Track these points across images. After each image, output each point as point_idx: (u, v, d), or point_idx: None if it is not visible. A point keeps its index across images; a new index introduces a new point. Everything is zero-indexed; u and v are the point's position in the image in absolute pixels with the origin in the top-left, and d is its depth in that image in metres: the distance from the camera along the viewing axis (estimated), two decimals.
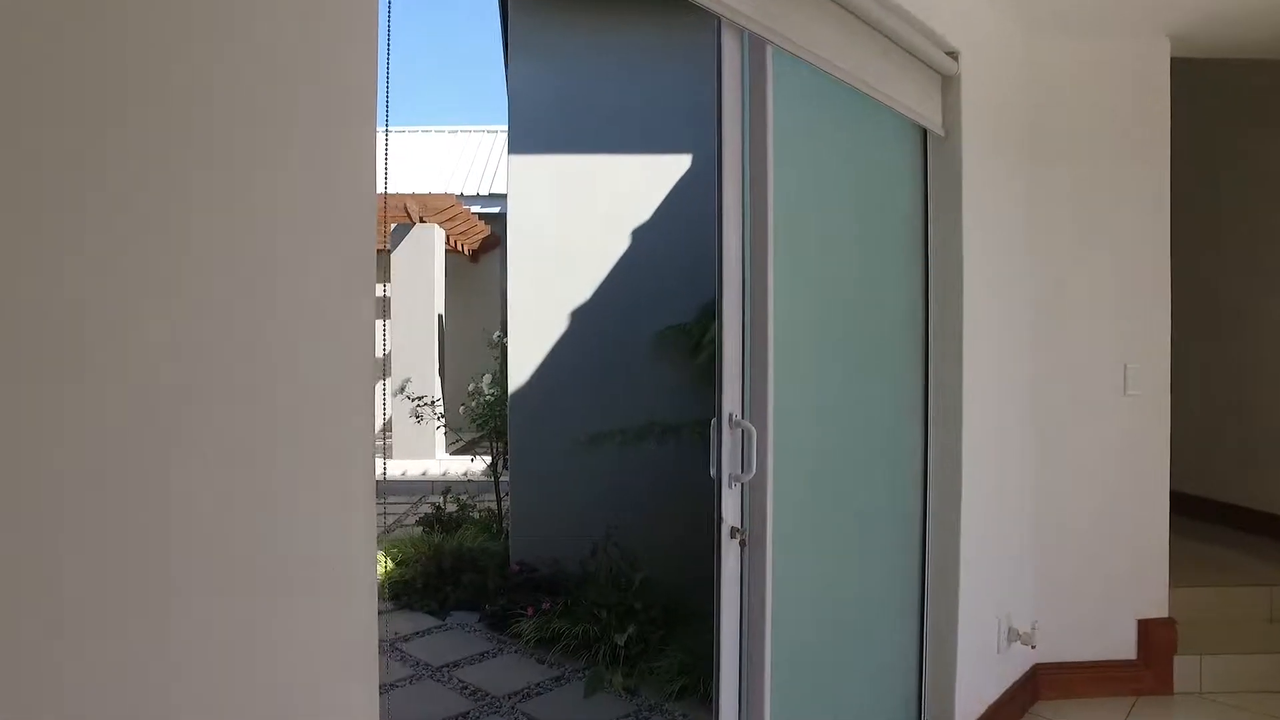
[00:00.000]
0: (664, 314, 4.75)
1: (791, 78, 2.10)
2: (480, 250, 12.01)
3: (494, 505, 6.18)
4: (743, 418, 1.92)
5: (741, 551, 1.92)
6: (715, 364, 1.91)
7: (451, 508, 6.25)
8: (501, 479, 6.00)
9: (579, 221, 4.87)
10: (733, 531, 1.90)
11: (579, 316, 4.86)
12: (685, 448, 4.57)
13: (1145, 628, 3.23)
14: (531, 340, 4.88)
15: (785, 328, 2.00)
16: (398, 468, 8.93)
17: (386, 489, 8.49)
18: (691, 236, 4.86)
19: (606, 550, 4.63)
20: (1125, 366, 3.26)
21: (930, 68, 2.60)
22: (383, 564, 5.29)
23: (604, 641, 4.12)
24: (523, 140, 4.87)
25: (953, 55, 2.63)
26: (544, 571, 4.78)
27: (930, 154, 2.69)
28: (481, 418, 6.07)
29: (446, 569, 5.07)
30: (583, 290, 4.86)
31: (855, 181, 2.48)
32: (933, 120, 2.64)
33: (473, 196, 11.59)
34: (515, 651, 4.24)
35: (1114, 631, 3.23)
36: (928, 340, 2.73)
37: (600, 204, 4.87)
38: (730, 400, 1.88)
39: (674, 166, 4.89)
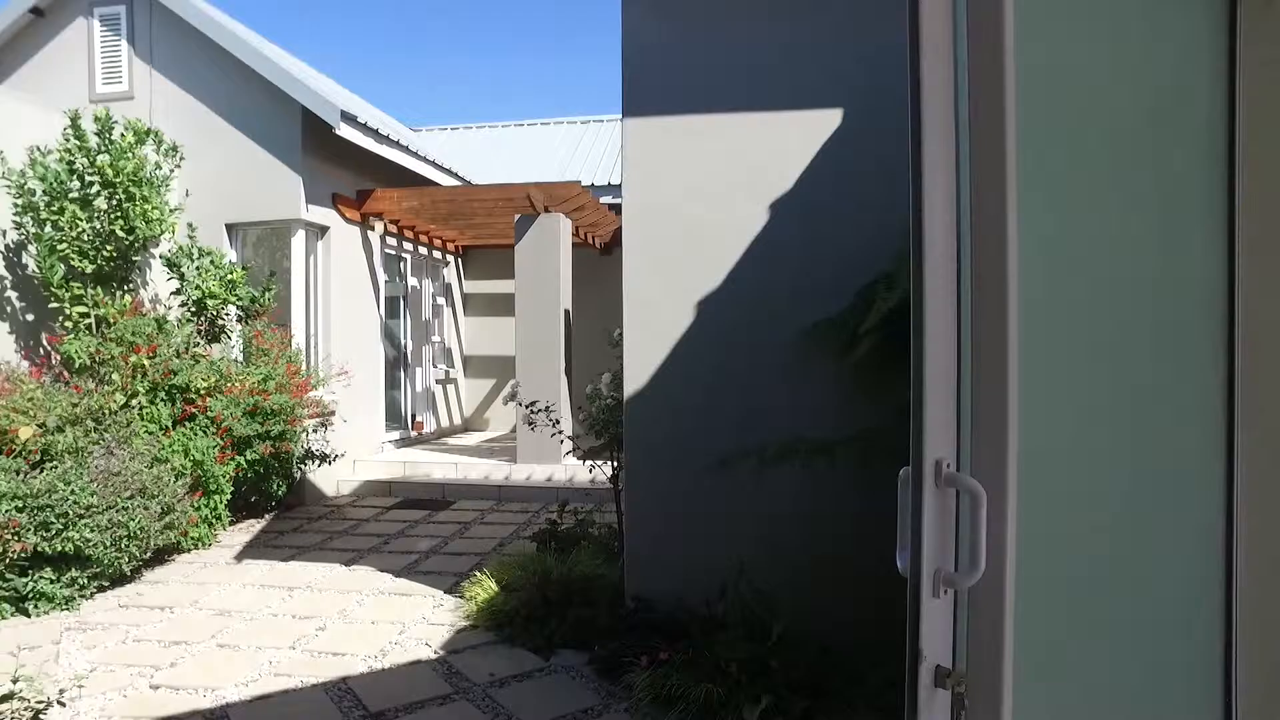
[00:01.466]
0: (810, 302, 3.88)
1: None
2: (612, 243, 11.44)
3: (615, 521, 5.50)
4: (957, 469, 1.07)
5: (955, 711, 1.06)
6: (911, 380, 1.06)
7: (568, 522, 5.64)
8: (623, 492, 5.30)
9: (706, 193, 4.07)
10: (939, 675, 1.05)
11: (707, 308, 4.07)
12: (838, 471, 3.69)
13: None
14: (651, 336, 4.13)
15: (1033, 319, 1.12)
16: (522, 473, 8.47)
17: (508, 495, 8.04)
18: (842, 207, 3.96)
19: (739, 591, 3.82)
20: None
21: None
22: (487, 587, 4.72)
23: (731, 709, 3.32)
24: (640, 99, 4.13)
25: None
26: (663, 610, 4.02)
27: (1243, 29, 1.70)
28: (601, 424, 5.40)
29: (553, 599, 4.42)
30: (711, 276, 4.07)
31: (1125, 71, 1.55)
32: None
33: (603, 187, 11.03)
34: (624, 710, 3.52)
35: None
36: (1233, 333, 1.74)
37: (732, 171, 4.06)
38: (938, 440, 1.03)
39: (821, 124, 4.00)
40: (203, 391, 6.15)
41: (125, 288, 6.68)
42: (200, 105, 8.12)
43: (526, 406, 5.55)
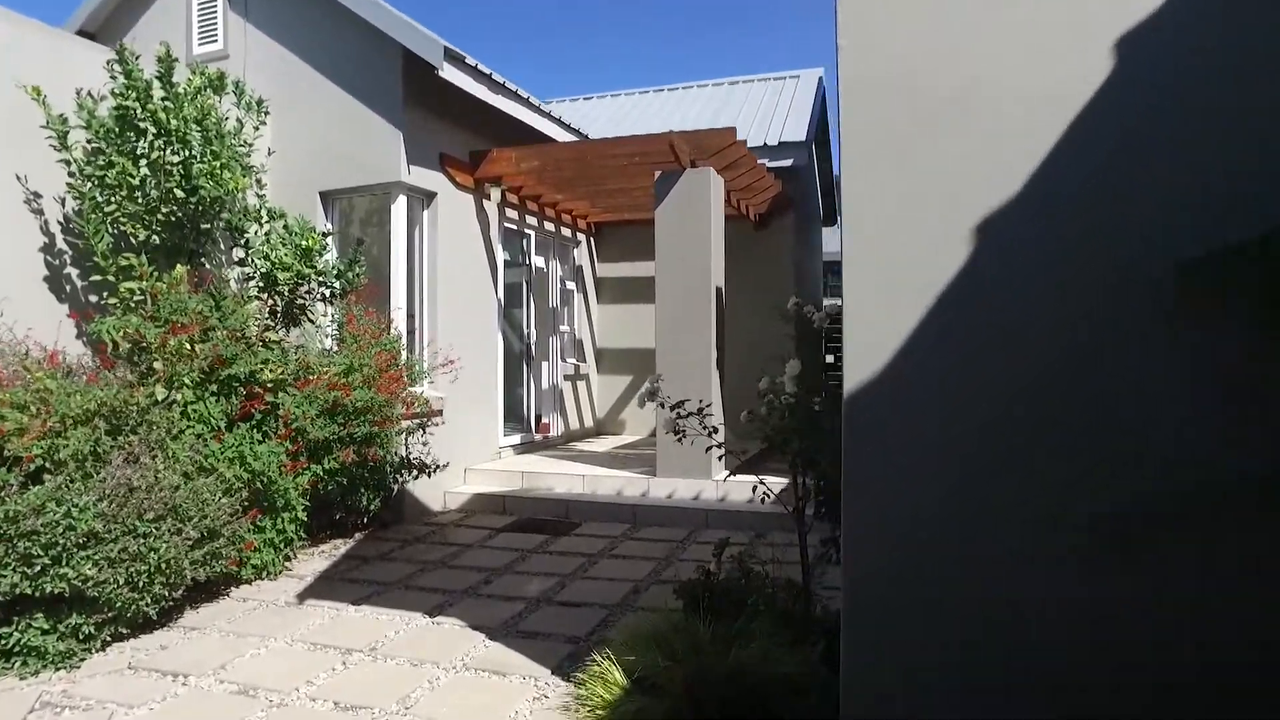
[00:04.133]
0: (1191, 218, 2.04)
1: None
2: (768, 214, 9.69)
3: (798, 572, 3.79)
4: None
5: None
6: None
7: (726, 568, 3.97)
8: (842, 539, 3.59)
9: (990, 29, 2.29)
10: None
11: (995, 233, 2.28)
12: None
13: None
14: (887, 291, 2.38)
15: None
16: (662, 489, 6.87)
17: (645, 517, 6.46)
18: (1254, 39, 2.08)
19: None
20: None
21: None
22: (613, 681, 3.12)
23: None
24: None
25: None
26: None
27: None
28: (780, 434, 3.71)
29: (714, 716, 2.76)
30: (1002, 179, 2.27)
31: None
32: None
33: (758, 148, 9.27)
34: None
35: None
36: None
37: None
38: None
39: None
40: (269, 384, 4.93)
41: (197, 261, 5.61)
42: (294, 58, 7.07)
43: (672, 409, 3.92)
